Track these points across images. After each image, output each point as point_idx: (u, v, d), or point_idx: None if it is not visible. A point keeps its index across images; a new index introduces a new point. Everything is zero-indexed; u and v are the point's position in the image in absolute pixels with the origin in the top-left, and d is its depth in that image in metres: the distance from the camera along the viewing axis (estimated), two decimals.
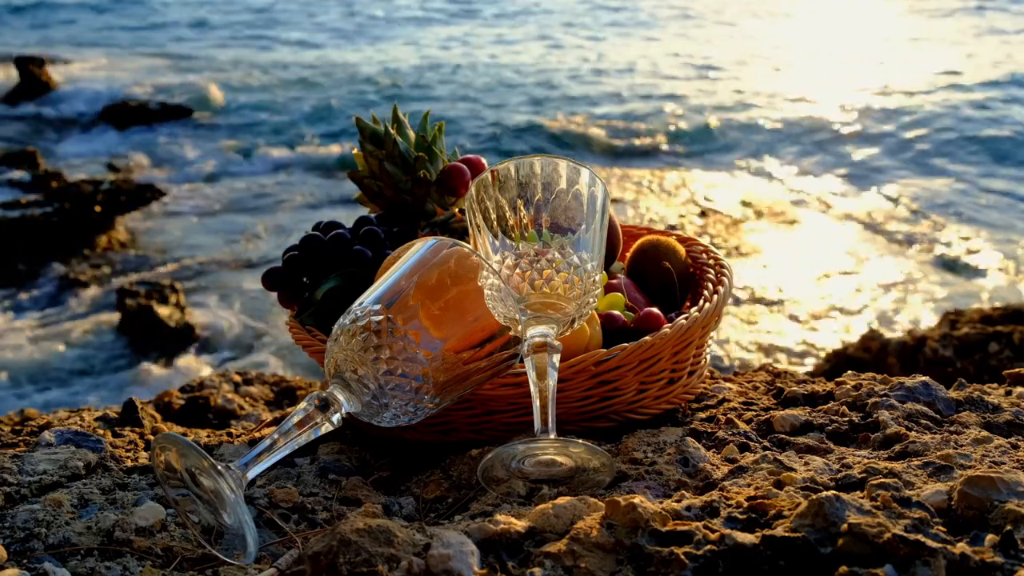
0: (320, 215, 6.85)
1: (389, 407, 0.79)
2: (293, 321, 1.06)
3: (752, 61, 12.99)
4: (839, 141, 9.01)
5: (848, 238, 6.56)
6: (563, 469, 0.81)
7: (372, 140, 1.18)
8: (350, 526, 0.62)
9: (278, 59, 13.53)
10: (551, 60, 13.20)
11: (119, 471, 0.92)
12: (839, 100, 10.44)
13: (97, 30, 15.92)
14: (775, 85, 11.42)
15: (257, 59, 13.54)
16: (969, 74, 11.10)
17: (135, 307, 5.39)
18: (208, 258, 6.64)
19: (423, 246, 0.85)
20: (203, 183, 8.29)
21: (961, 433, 0.87)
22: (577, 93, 11.21)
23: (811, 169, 8.27)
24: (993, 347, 2.91)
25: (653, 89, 11.35)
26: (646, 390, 0.97)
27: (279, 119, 10.42)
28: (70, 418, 1.20)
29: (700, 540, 0.62)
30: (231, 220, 7.36)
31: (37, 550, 0.73)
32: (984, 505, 0.66)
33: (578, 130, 9.58)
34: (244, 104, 10.99)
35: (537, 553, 0.63)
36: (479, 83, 11.76)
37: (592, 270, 0.87)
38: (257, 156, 9.06)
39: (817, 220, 6.97)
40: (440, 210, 1.18)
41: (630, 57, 13.32)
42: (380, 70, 12.56)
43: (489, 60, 13.17)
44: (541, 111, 10.34)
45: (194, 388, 1.68)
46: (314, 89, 11.66)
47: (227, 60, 13.43)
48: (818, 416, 0.95)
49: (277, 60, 13.45)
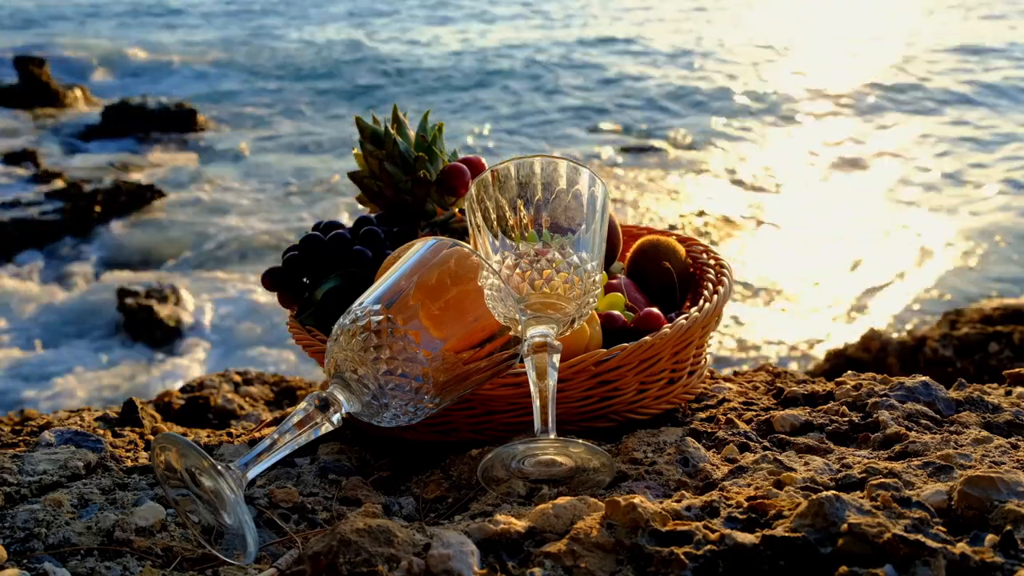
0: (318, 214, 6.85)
1: (389, 407, 0.79)
2: (293, 321, 1.06)
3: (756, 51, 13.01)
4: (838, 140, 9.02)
5: (848, 236, 6.56)
6: (563, 469, 0.81)
7: (372, 140, 1.18)
8: (350, 526, 0.62)
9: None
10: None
11: (119, 471, 0.92)
12: (839, 101, 10.45)
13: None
14: (775, 79, 11.44)
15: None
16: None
17: (135, 307, 5.39)
18: (208, 258, 6.64)
19: (423, 246, 0.85)
20: (203, 183, 8.29)
21: (961, 433, 0.87)
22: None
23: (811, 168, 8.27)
24: (993, 347, 2.92)
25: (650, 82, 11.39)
26: (646, 390, 0.97)
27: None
28: (70, 418, 1.20)
29: (700, 540, 0.62)
30: (231, 219, 7.36)
31: (37, 550, 0.73)
32: (984, 505, 0.66)
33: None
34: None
35: (537, 553, 0.63)
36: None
37: (592, 270, 0.87)
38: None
39: (818, 219, 6.97)
40: (440, 210, 1.18)
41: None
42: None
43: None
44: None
45: (194, 388, 1.68)
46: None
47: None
48: (818, 416, 0.95)
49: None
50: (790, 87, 11.18)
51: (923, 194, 7.43)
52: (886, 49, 13.01)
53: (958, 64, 11.94)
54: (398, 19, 17.47)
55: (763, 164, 8.45)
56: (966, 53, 12.56)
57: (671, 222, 6.96)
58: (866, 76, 11.36)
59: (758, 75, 11.94)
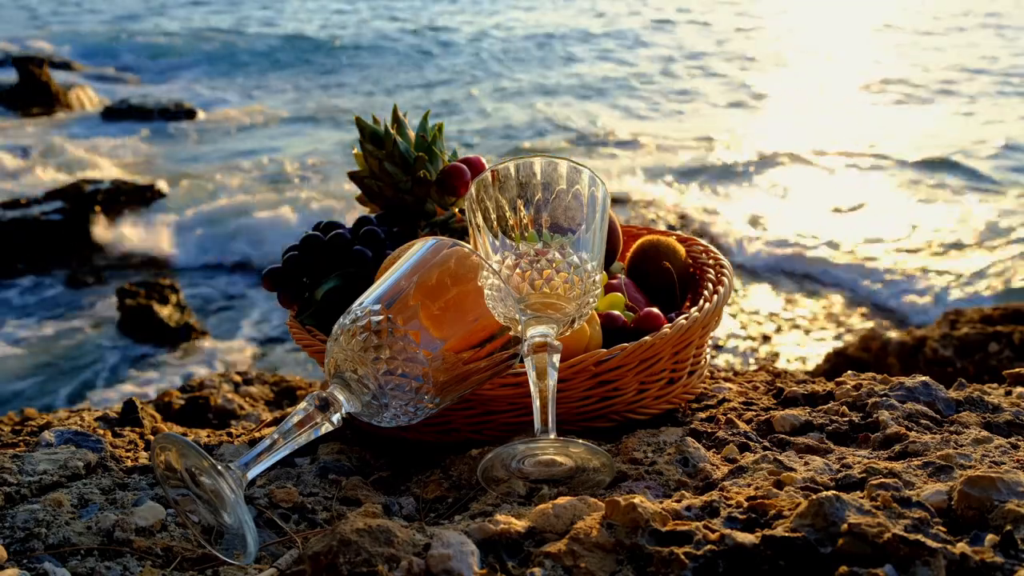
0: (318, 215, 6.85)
1: (389, 407, 0.79)
2: (293, 321, 1.06)
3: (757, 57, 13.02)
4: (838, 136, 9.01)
5: (847, 235, 6.56)
6: (563, 469, 0.81)
7: (372, 140, 1.17)
8: (350, 526, 0.62)
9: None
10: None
11: (119, 471, 0.92)
12: (839, 100, 10.44)
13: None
14: (775, 80, 11.44)
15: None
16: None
17: (135, 307, 5.38)
18: (208, 257, 6.64)
19: (423, 246, 0.85)
20: (203, 182, 8.29)
21: (961, 433, 0.87)
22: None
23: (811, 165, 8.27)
24: (993, 347, 2.91)
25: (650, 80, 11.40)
26: (646, 390, 0.97)
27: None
28: (70, 418, 1.20)
29: (700, 540, 0.62)
30: (230, 219, 7.36)
31: (37, 550, 0.73)
32: (984, 505, 0.66)
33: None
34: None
35: (537, 553, 0.63)
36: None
37: (592, 270, 0.87)
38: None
39: (816, 218, 6.97)
40: (440, 210, 1.18)
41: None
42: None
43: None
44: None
45: (194, 388, 1.68)
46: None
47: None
48: (818, 416, 0.95)
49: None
50: (791, 84, 11.18)
51: (924, 194, 7.43)
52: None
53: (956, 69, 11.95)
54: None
55: (763, 160, 8.44)
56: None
57: (671, 222, 6.96)
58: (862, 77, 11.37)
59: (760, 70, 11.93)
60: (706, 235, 6.58)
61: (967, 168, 7.88)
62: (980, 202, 7.02)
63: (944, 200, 7.19)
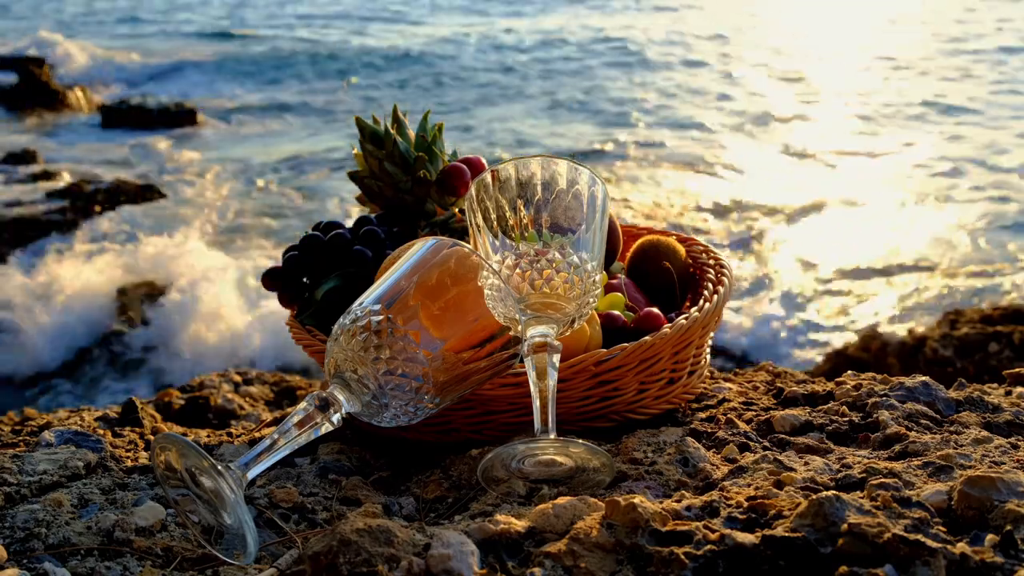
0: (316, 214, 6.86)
1: (389, 407, 0.79)
2: (293, 321, 1.06)
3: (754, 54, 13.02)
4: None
5: (848, 235, 6.56)
6: (563, 469, 0.81)
7: (372, 140, 1.17)
8: (350, 526, 0.62)
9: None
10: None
11: (119, 471, 0.92)
12: (838, 99, 10.44)
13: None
14: (776, 79, 11.44)
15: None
16: None
17: (135, 306, 5.38)
18: (208, 256, 6.64)
19: (423, 246, 0.85)
20: (203, 181, 8.29)
21: (961, 433, 0.87)
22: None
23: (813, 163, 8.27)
24: (993, 347, 2.92)
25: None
26: (646, 390, 0.97)
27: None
28: (70, 418, 1.20)
29: (700, 540, 0.62)
30: (230, 219, 7.36)
31: (37, 550, 0.73)
32: (984, 505, 0.66)
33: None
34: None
35: (537, 553, 0.63)
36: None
37: (592, 270, 0.87)
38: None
39: (817, 217, 6.97)
40: (440, 210, 1.18)
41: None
42: None
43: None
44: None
45: (194, 388, 1.68)
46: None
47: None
48: (818, 416, 0.95)
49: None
50: (785, 91, 11.18)
51: (924, 192, 7.43)
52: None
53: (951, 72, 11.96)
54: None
55: (764, 161, 8.44)
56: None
57: (671, 221, 6.96)
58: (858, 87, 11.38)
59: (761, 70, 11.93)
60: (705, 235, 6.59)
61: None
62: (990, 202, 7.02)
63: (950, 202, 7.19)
